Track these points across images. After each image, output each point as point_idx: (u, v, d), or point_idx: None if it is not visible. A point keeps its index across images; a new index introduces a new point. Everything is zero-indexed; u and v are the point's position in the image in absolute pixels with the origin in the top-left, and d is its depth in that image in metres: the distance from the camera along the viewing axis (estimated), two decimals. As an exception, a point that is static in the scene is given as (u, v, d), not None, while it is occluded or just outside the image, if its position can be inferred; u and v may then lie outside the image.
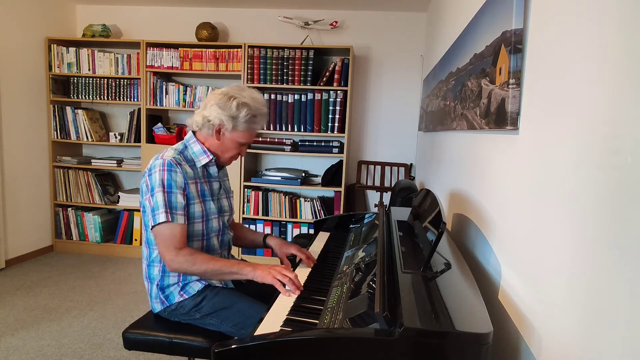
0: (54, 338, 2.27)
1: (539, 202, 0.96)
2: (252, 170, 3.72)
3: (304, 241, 2.14)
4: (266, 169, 3.62)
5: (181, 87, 3.52)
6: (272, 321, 1.07)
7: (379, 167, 3.71)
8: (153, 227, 1.33)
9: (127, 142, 3.62)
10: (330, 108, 3.36)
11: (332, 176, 3.50)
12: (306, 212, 3.51)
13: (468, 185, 1.66)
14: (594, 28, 0.76)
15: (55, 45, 3.57)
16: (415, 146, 3.69)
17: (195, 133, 1.48)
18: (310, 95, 3.37)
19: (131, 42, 3.52)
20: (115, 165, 3.69)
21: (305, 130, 3.41)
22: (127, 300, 2.79)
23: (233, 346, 0.87)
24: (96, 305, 2.69)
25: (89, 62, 3.59)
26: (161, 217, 1.31)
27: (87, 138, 3.65)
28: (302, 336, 0.87)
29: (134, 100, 3.58)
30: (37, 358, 2.08)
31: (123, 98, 3.60)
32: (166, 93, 3.54)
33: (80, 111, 3.63)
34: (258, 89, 3.39)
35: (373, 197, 3.82)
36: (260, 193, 3.52)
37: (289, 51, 3.35)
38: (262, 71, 3.39)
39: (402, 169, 3.68)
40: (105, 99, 3.62)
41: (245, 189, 3.51)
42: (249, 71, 3.39)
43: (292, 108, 3.39)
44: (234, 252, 1.68)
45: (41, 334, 2.31)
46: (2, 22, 3.16)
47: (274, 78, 3.39)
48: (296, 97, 3.40)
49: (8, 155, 3.27)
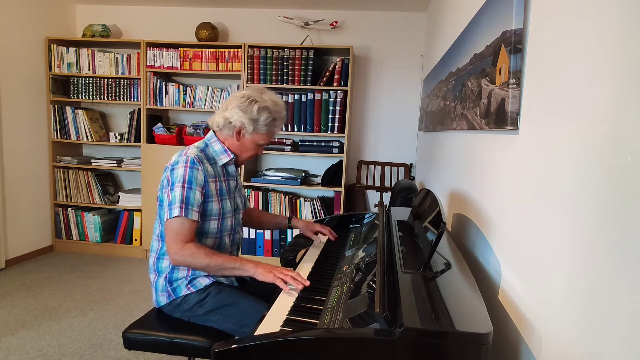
0: (54, 338, 2.27)
1: (539, 202, 0.96)
2: (252, 170, 3.72)
3: (304, 241, 2.14)
4: (266, 169, 3.63)
5: (181, 87, 3.52)
6: (272, 321, 1.07)
7: (379, 167, 3.71)
8: (167, 220, 1.37)
9: (127, 142, 3.62)
10: (330, 108, 3.36)
11: (332, 176, 3.50)
12: (306, 212, 3.51)
13: (468, 185, 1.66)
14: (594, 28, 0.76)
15: (55, 45, 3.57)
16: (415, 146, 3.69)
17: (215, 133, 1.53)
18: (310, 95, 3.37)
19: (131, 42, 3.52)
20: (115, 165, 3.69)
21: (305, 130, 3.41)
22: (128, 300, 2.79)
23: (233, 346, 0.87)
24: (96, 305, 2.69)
25: (89, 62, 3.59)
26: (175, 211, 1.34)
27: (87, 138, 3.65)
28: (302, 336, 0.87)
29: (134, 100, 3.58)
30: (37, 358, 2.08)
31: (123, 98, 3.60)
32: (166, 93, 3.54)
33: (80, 111, 3.63)
34: (257, 85, 3.43)
35: (373, 197, 3.82)
36: (260, 193, 3.52)
37: (289, 51, 3.35)
38: (262, 71, 3.39)
39: (402, 169, 3.68)
40: (105, 99, 3.62)
41: (245, 189, 3.52)
42: (249, 71, 3.39)
43: (292, 108, 3.39)
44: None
45: (41, 334, 2.31)
46: (2, 22, 3.16)
47: (274, 78, 3.39)
48: (296, 97, 3.40)
49: (8, 155, 3.27)
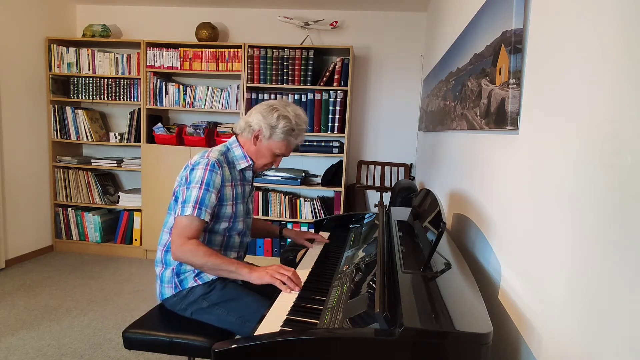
0: (54, 338, 2.27)
1: (539, 202, 0.96)
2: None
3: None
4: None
5: (181, 87, 3.52)
6: (273, 321, 1.07)
7: (379, 167, 3.71)
8: (178, 216, 1.40)
9: (127, 142, 3.62)
10: (330, 108, 3.36)
11: (332, 176, 3.50)
12: (306, 212, 3.51)
13: (468, 185, 1.66)
14: (594, 28, 0.76)
15: (55, 45, 3.57)
16: (415, 146, 3.69)
17: (237, 137, 1.59)
18: (310, 95, 3.37)
19: (131, 42, 3.52)
20: (115, 165, 3.69)
21: (305, 133, 3.40)
22: (128, 300, 2.79)
23: (233, 346, 0.87)
24: (96, 305, 2.69)
25: (89, 62, 3.59)
26: (188, 210, 1.38)
27: (87, 138, 3.65)
28: (302, 336, 0.87)
29: (134, 100, 3.58)
30: (37, 358, 2.08)
31: (123, 98, 3.60)
32: (166, 93, 3.54)
33: (80, 111, 3.63)
34: (258, 89, 3.44)
35: (373, 197, 3.82)
36: (260, 193, 3.52)
37: (289, 51, 3.35)
38: (262, 71, 3.39)
39: (402, 169, 3.68)
40: (105, 99, 3.62)
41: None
42: (249, 71, 3.40)
43: (292, 108, 3.39)
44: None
45: (41, 334, 2.31)
46: (2, 22, 3.16)
47: (274, 78, 3.39)
48: (296, 97, 3.40)
49: (8, 155, 3.27)
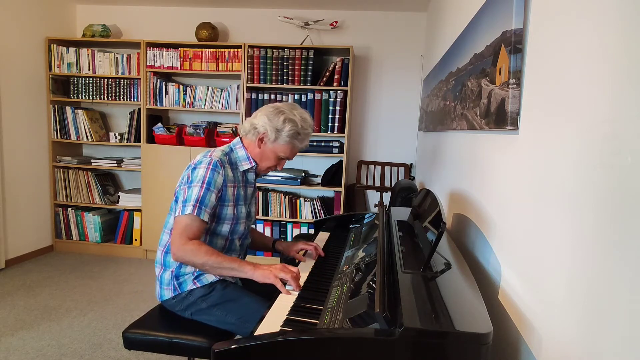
0: (54, 338, 2.27)
1: (539, 202, 0.96)
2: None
3: (304, 241, 2.14)
4: (266, 169, 3.62)
5: (181, 87, 3.52)
6: (272, 321, 1.07)
7: (379, 167, 3.71)
8: (178, 216, 1.39)
9: (127, 142, 3.62)
10: (330, 108, 3.36)
11: (332, 176, 3.50)
12: (306, 212, 3.51)
13: (468, 185, 1.66)
14: (594, 28, 0.76)
15: (55, 45, 3.57)
16: (415, 146, 3.69)
17: (241, 139, 1.57)
18: (310, 95, 3.37)
19: (131, 42, 3.52)
20: (115, 165, 3.69)
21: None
22: (127, 300, 2.79)
23: (233, 346, 0.87)
24: (96, 305, 2.69)
25: (89, 62, 3.59)
26: (188, 209, 1.36)
27: (87, 138, 3.65)
28: (302, 336, 0.87)
29: (134, 100, 3.58)
30: (37, 358, 2.08)
31: (123, 98, 3.60)
32: (166, 93, 3.54)
33: (80, 111, 3.63)
34: (258, 89, 3.44)
35: (373, 197, 3.82)
36: (260, 193, 3.52)
37: (289, 51, 3.35)
38: (262, 71, 3.39)
39: (402, 169, 3.68)
40: (105, 99, 3.62)
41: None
42: (249, 71, 3.39)
43: (292, 108, 3.39)
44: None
45: (41, 334, 2.31)
46: (2, 22, 3.16)
47: (274, 78, 3.39)
48: (296, 97, 3.40)
49: (8, 155, 3.27)
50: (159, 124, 3.56)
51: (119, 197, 3.72)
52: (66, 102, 3.71)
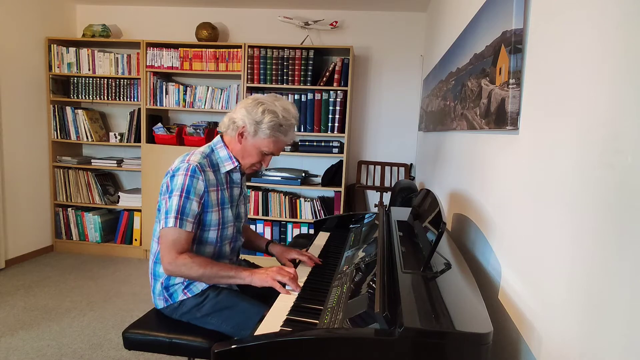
0: (54, 338, 2.27)
1: (539, 202, 0.96)
2: (252, 170, 3.71)
3: (303, 241, 2.14)
4: (266, 169, 3.62)
5: (181, 87, 3.52)
6: (272, 321, 1.07)
7: (379, 167, 3.71)
8: (162, 228, 1.35)
9: (127, 142, 3.62)
10: (330, 108, 3.36)
11: (332, 176, 3.50)
12: (306, 212, 3.51)
13: (468, 185, 1.66)
14: (594, 28, 0.76)
15: (55, 45, 3.57)
16: (415, 146, 3.69)
17: (222, 137, 1.49)
18: (310, 95, 3.37)
19: (131, 42, 3.52)
20: (115, 165, 3.69)
21: (305, 130, 3.41)
22: (127, 300, 2.79)
23: (233, 346, 0.87)
24: (96, 305, 2.69)
25: (89, 62, 3.59)
26: (170, 221, 1.32)
27: (87, 138, 3.65)
28: (302, 336, 0.87)
29: (134, 100, 3.58)
30: (37, 358, 2.08)
31: (123, 98, 3.60)
32: (166, 93, 3.54)
33: (80, 111, 3.63)
34: (258, 89, 3.44)
35: (373, 197, 3.82)
36: (260, 193, 3.52)
37: (289, 51, 3.35)
38: (262, 71, 3.39)
39: (402, 169, 3.68)
40: (105, 99, 3.62)
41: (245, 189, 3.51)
42: (249, 71, 3.39)
43: (292, 108, 3.38)
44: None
45: (41, 334, 2.31)
46: (2, 22, 3.16)
47: (274, 78, 3.39)
48: (296, 97, 3.40)
49: (8, 155, 3.27)
50: (159, 124, 3.56)
51: (119, 197, 3.72)
52: (66, 102, 3.71)
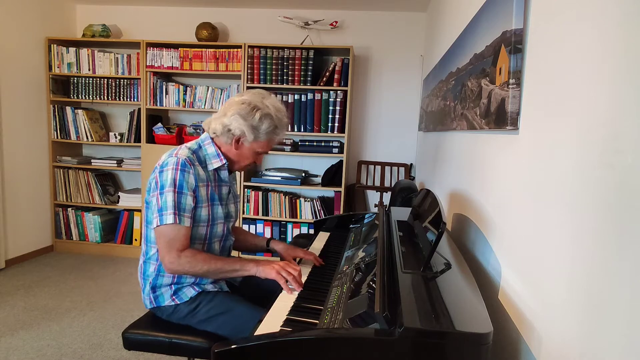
0: (54, 338, 2.27)
1: (539, 202, 0.96)
2: (252, 170, 3.72)
3: (303, 241, 2.14)
4: (266, 169, 3.63)
5: (181, 87, 3.52)
6: (272, 321, 1.07)
7: (379, 167, 3.71)
8: (158, 226, 1.31)
9: (127, 142, 3.62)
10: (330, 108, 3.36)
11: (332, 176, 3.50)
12: (306, 212, 3.51)
13: (468, 185, 1.66)
14: (594, 28, 0.76)
15: (55, 45, 3.57)
16: (415, 146, 3.69)
17: (212, 137, 1.45)
18: (310, 95, 3.37)
19: (131, 42, 3.52)
20: (115, 165, 3.69)
21: (305, 130, 3.41)
22: (127, 300, 2.79)
23: (233, 346, 0.87)
24: (96, 305, 2.69)
25: (89, 62, 3.59)
26: (169, 218, 1.28)
27: (87, 138, 3.65)
28: (302, 336, 0.87)
29: (134, 100, 3.58)
30: (37, 358, 2.08)
31: (123, 98, 3.60)
32: (166, 93, 3.54)
33: (80, 111, 3.63)
34: (258, 89, 3.43)
35: (373, 197, 3.82)
36: (260, 193, 3.52)
37: (289, 51, 3.35)
38: (262, 71, 3.39)
39: (402, 169, 3.68)
40: (105, 99, 3.62)
41: (245, 189, 3.52)
42: (249, 71, 3.39)
43: (292, 108, 3.39)
44: (235, 252, 1.70)
45: (41, 334, 2.31)
46: (2, 22, 3.16)
47: (274, 78, 3.39)
48: (296, 97, 3.40)
49: (8, 155, 3.27)
50: (159, 124, 3.56)
51: (119, 197, 3.72)
52: (66, 102, 3.71)
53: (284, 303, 1.18)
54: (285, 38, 3.66)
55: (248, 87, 3.41)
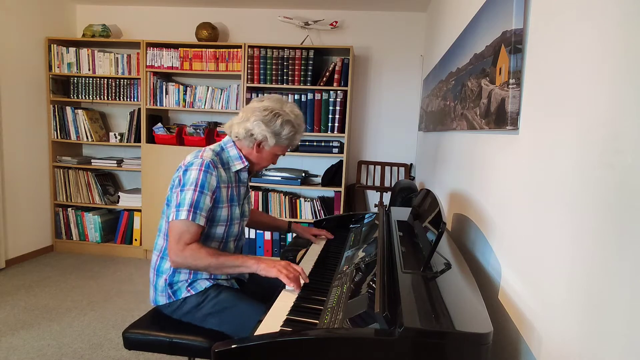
0: (54, 338, 2.27)
1: (539, 202, 0.96)
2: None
3: (303, 241, 2.14)
4: (266, 169, 3.63)
5: (181, 87, 3.52)
6: (272, 321, 1.07)
7: (379, 167, 3.71)
8: (172, 220, 1.35)
9: (127, 142, 3.62)
10: (330, 108, 3.36)
11: (332, 176, 3.50)
12: (306, 212, 3.51)
13: (468, 185, 1.66)
14: (594, 28, 0.76)
15: (55, 45, 3.57)
16: (415, 146, 3.69)
17: (234, 140, 1.52)
18: (310, 95, 3.37)
19: (131, 42, 3.52)
20: (115, 165, 3.69)
21: (305, 130, 3.40)
22: (127, 300, 2.79)
23: (233, 346, 0.87)
24: (96, 305, 2.69)
25: (89, 62, 3.58)
26: (183, 214, 1.32)
27: (87, 138, 3.65)
28: (302, 336, 0.87)
29: (134, 100, 3.58)
30: (37, 358, 2.08)
31: (123, 98, 3.60)
32: (166, 93, 3.54)
33: (80, 111, 3.63)
34: (258, 89, 3.44)
35: (373, 197, 3.82)
36: (260, 193, 3.52)
37: (289, 51, 3.35)
38: (262, 71, 3.39)
39: (402, 169, 3.68)
40: (105, 99, 3.62)
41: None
42: (249, 71, 3.39)
43: (292, 108, 3.38)
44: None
45: (41, 334, 2.31)
46: (2, 22, 3.16)
47: (274, 78, 3.39)
48: (296, 97, 3.40)
49: (8, 155, 3.27)
50: (159, 124, 3.56)
51: (119, 197, 3.72)
52: (66, 102, 3.71)
53: (284, 303, 1.18)
54: (285, 38, 3.66)
55: (248, 88, 3.41)
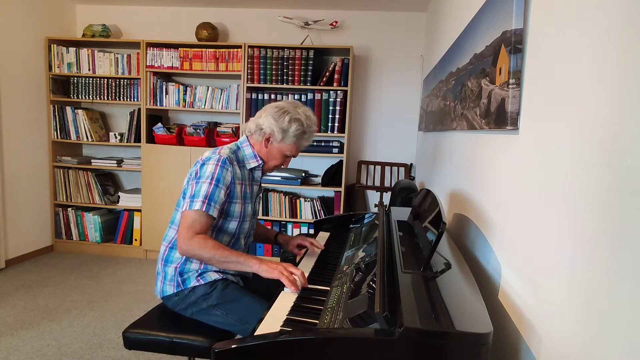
0: (54, 338, 2.27)
1: (539, 202, 0.96)
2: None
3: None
4: (266, 169, 3.62)
5: (181, 87, 3.52)
6: (273, 321, 1.07)
7: (379, 167, 3.71)
8: (185, 210, 1.38)
9: (127, 142, 3.62)
10: (330, 108, 3.36)
11: (332, 176, 3.50)
12: (306, 212, 3.51)
13: (468, 185, 1.66)
14: (594, 28, 0.76)
15: (55, 45, 3.57)
16: (415, 146, 3.69)
17: (248, 138, 1.59)
18: (310, 95, 3.37)
19: (131, 42, 3.52)
20: (115, 165, 3.69)
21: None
22: (127, 300, 2.79)
23: (233, 346, 0.87)
24: (96, 305, 2.69)
25: (89, 62, 3.59)
26: (197, 205, 1.37)
27: (87, 138, 3.65)
28: (302, 336, 0.87)
29: (134, 100, 3.58)
30: (37, 358, 2.08)
31: (123, 98, 3.60)
32: (166, 93, 3.54)
33: (80, 111, 3.63)
34: (258, 89, 3.44)
35: (373, 197, 3.82)
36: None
37: (289, 51, 3.35)
38: (262, 71, 3.39)
39: (402, 169, 3.68)
40: (105, 99, 3.62)
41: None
42: (249, 71, 3.39)
43: (292, 108, 3.38)
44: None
45: (41, 334, 2.31)
46: (2, 22, 3.16)
47: (274, 78, 3.39)
48: (296, 97, 3.40)
49: (8, 155, 3.27)
50: (159, 124, 3.56)
51: (119, 197, 3.72)
52: (66, 102, 3.71)
53: (284, 303, 1.18)
54: (285, 38, 3.66)
55: (248, 88, 3.41)
